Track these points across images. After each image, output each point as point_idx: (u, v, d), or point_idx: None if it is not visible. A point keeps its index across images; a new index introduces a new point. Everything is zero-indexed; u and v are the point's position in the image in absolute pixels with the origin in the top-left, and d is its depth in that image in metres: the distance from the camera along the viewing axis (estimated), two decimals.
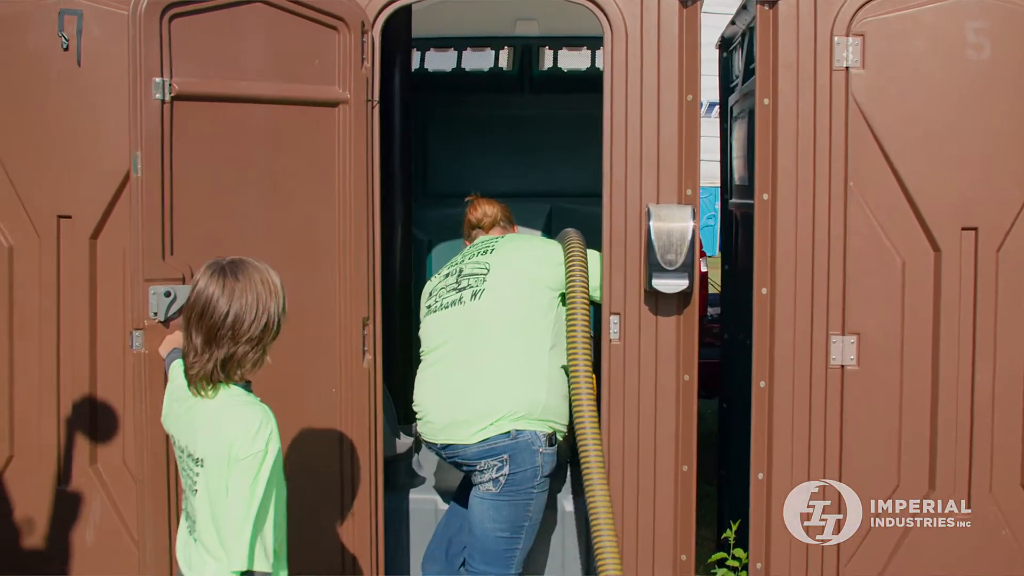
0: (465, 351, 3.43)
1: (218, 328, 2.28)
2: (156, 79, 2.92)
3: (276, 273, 2.37)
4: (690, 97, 3.41)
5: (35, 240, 3.55)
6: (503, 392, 3.34)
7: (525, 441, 3.34)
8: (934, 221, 3.31)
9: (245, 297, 2.29)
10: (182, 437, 2.37)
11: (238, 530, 2.21)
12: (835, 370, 3.38)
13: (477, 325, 3.43)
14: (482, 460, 3.35)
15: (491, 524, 3.41)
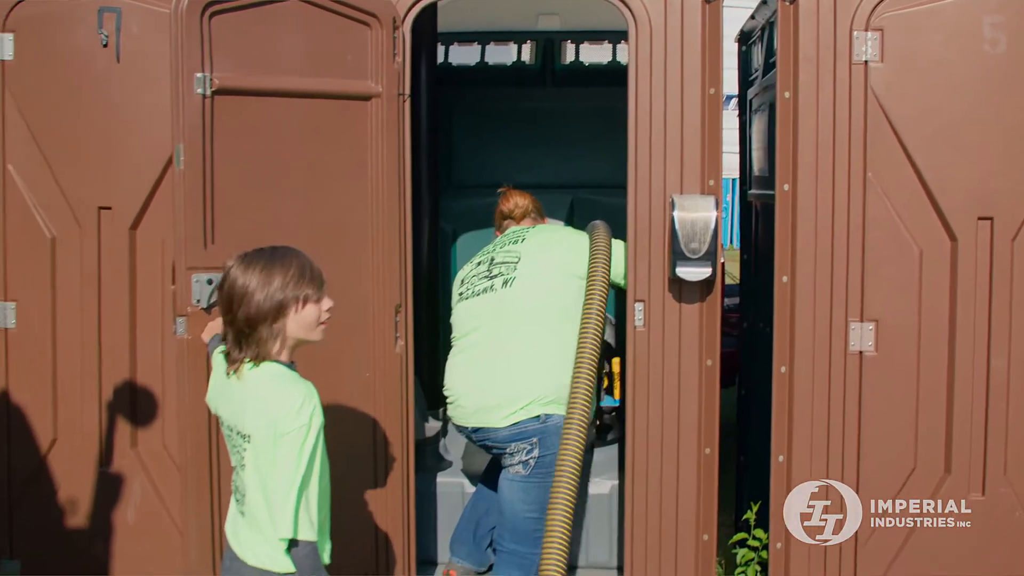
0: (496, 337, 3.54)
1: (235, 306, 2.39)
2: (197, 74, 3.02)
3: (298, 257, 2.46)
4: (712, 90, 3.49)
5: (76, 230, 3.67)
6: (533, 377, 3.45)
7: (554, 425, 3.44)
8: (951, 211, 3.39)
9: (255, 275, 2.39)
10: (230, 416, 2.48)
11: (284, 500, 2.33)
12: (854, 356, 3.46)
13: (508, 312, 3.53)
14: (512, 443, 3.46)
15: (521, 505, 3.51)
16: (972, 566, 3.49)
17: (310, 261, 2.44)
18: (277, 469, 2.34)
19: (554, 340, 3.49)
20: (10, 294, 3.71)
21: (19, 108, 3.62)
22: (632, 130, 3.51)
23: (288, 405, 2.34)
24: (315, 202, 3.33)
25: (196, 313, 3.07)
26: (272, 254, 2.41)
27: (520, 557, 3.55)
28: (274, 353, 2.42)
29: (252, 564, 2.43)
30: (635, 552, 3.63)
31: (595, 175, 5.15)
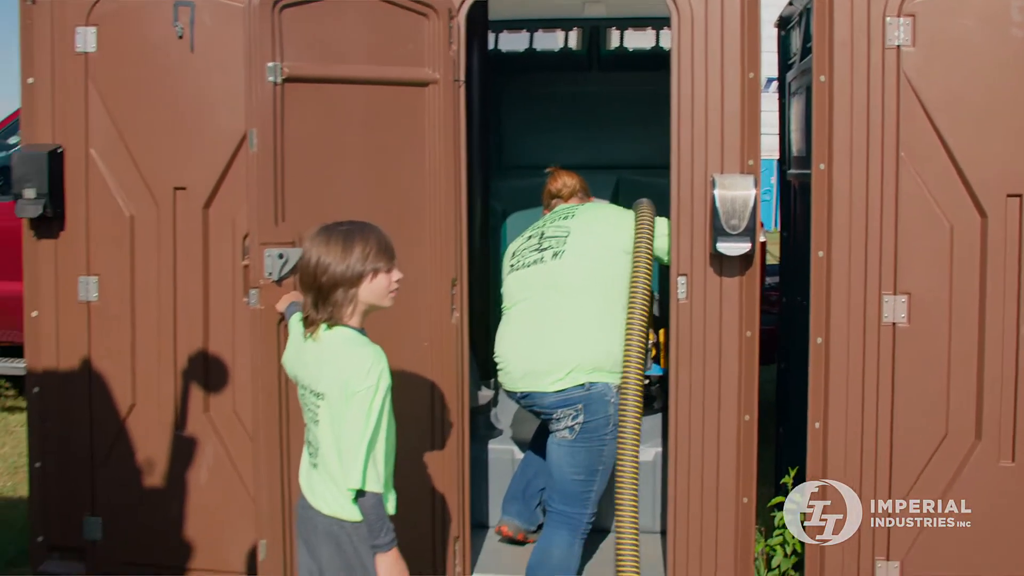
0: (544, 306, 3.75)
1: (315, 273, 2.62)
2: (269, 64, 3.25)
3: (373, 232, 2.69)
4: (752, 74, 3.66)
5: (154, 210, 3.93)
6: (578, 346, 3.65)
7: (598, 392, 3.64)
8: (980, 188, 3.53)
9: (335, 247, 2.62)
10: (305, 376, 2.72)
11: (354, 454, 2.56)
12: (887, 327, 3.63)
13: (556, 283, 3.74)
14: (558, 409, 3.67)
15: (568, 468, 3.72)
16: (1004, 528, 3.64)
17: (384, 235, 2.67)
18: (348, 425, 2.57)
19: (599, 311, 3.68)
20: (93, 269, 3.99)
21: (101, 97, 3.89)
22: (675, 113, 3.69)
23: (359, 366, 2.58)
24: (376, 182, 3.56)
25: (268, 285, 3.32)
26: (350, 228, 2.65)
27: (568, 517, 3.76)
28: (347, 317, 2.65)
29: (325, 512, 2.67)
30: (678, 515, 3.83)
31: (639, 156, 5.33)
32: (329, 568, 2.67)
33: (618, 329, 3.68)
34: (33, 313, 4.07)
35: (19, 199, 3.91)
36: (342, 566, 2.66)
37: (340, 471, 2.60)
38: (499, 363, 3.88)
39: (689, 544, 3.83)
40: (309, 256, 2.63)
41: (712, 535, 3.82)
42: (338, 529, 2.64)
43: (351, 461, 2.57)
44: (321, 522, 2.67)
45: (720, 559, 3.83)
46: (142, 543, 4.04)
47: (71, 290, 4.01)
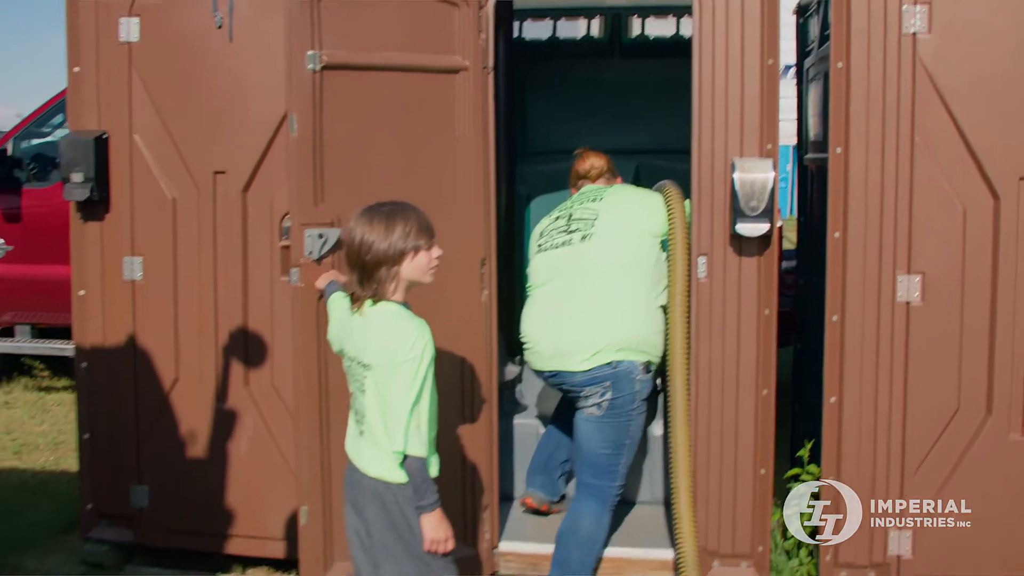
0: (572, 288, 3.89)
1: (359, 252, 2.79)
2: (309, 52, 3.42)
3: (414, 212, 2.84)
4: (771, 61, 3.78)
5: (194, 192, 4.11)
6: (606, 326, 3.79)
7: (624, 370, 3.79)
8: (993, 172, 3.65)
9: (378, 226, 2.78)
10: (352, 348, 2.89)
11: (399, 420, 2.73)
12: (901, 306, 3.75)
13: (584, 264, 3.88)
14: (587, 387, 3.81)
15: (596, 443, 3.87)
16: (1013, 500, 3.77)
17: (423, 215, 2.83)
18: (394, 393, 2.74)
19: (626, 292, 3.83)
20: (137, 249, 4.17)
21: (144, 85, 4.06)
22: (696, 98, 3.82)
23: (404, 338, 2.75)
24: (409, 165, 3.71)
25: (308, 264, 3.49)
26: (392, 208, 2.81)
27: (597, 489, 3.91)
28: (390, 293, 2.81)
29: (372, 475, 2.85)
30: (698, 486, 3.97)
31: (658, 141, 5.45)
32: (376, 528, 2.85)
33: (644, 310, 3.83)
34: (80, 292, 4.26)
35: (67, 183, 4.09)
36: (388, 526, 2.84)
37: (386, 436, 2.78)
38: (526, 343, 4.03)
39: (708, 514, 3.97)
40: (354, 235, 2.78)
41: (731, 505, 3.96)
42: (384, 491, 2.82)
43: (397, 427, 2.74)
44: (368, 484, 2.84)
45: (738, 529, 3.97)
46: (186, 510, 4.23)
47: (116, 270, 4.20)
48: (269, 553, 4.24)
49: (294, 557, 4.15)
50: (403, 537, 2.84)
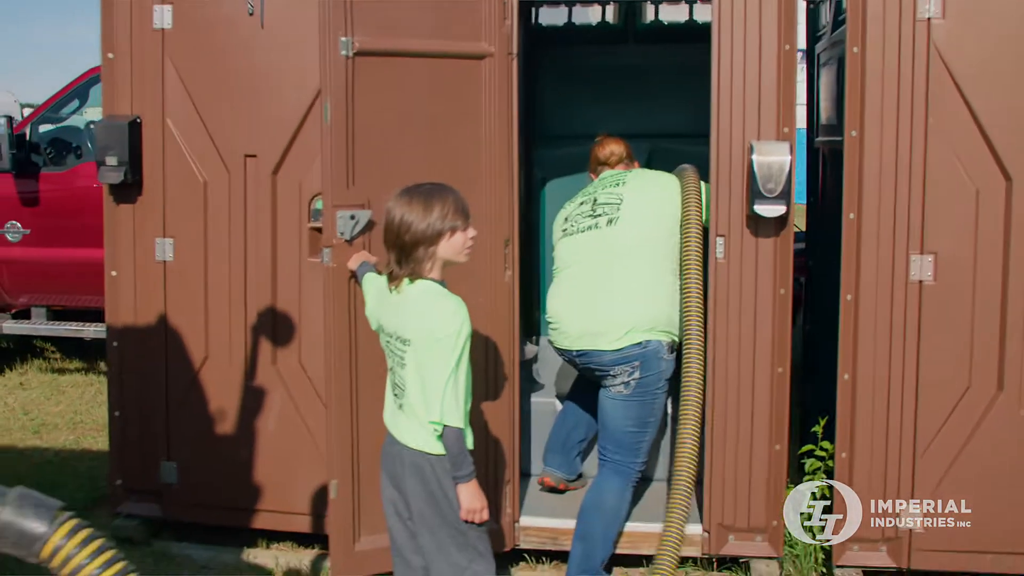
0: (600, 270, 4.00)
1: (398, 232, 2.89)
2: (342, 38, 3.52)
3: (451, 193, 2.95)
4: (787, 47, 3.88)
5: (225, 175, 4.21)
6: (634, 307, 3.90)
7: (652, 350, 3.91)
8: (1005, 153, 3.75)
9: (417, 207, 2.89)
10: (390, 324, 2.99)
11: (438, 392, 2.84)
12: (914, 285, 3.86)
13: (612, 247, 3.99)
14: (616, 366, 3.93)
15: (622, 421, 3.99)
16: (1021, 476, 3.89)
17: (460, 196, 2.94)
18: (432, 367, 2.85)
19: (652, 274, 3.94)
20: (169, 231, 4.28)
21: (177, 70, 4.16)
22: (715, 83, 3.92)
23: (442, 315, 2.86)
24: (436, 148, 3.81)
25: (340, 244, 3.59)
26: (430, 189, 2.91)
27: (621, 465, 4.03)
28: (427, 271, 2.92)
29: (411, 447, 2.96)
30: (715, 462, 4.08)
31: (672, 125, 5.55)
32: (414, 498, 2.97)
33: (669, 291, 3.94)
34: (112, 273, 4.37)
35: (101, 166, 4.19)
36: (426, 496, 2.95)
37: (425, 409, 2.89)
38: (553, 323, 4.13)
39: (724, 490, 4.09)
40: (393, 215, 2.89)
41: (746, 481, 4.08)
42: (423, 462, 2.93)
43: (435, 399, 2.86)
44: (408, 456, 2.95)
45: (753, 504, 4.09)
46: (214, 486, 4.35)
47: (148, 251, 4.30)
48: (295, 528, 4.36)
49: (319, 531, 4.28)
50: (440, 507, 2.96)
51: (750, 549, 4.11)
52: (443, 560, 3.00)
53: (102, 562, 1.55)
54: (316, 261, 4.15)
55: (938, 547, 3.93)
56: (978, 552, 3.91)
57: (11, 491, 1.57)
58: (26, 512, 1.55)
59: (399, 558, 3.15)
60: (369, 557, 3.80)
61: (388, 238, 2.92)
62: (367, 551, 3.80)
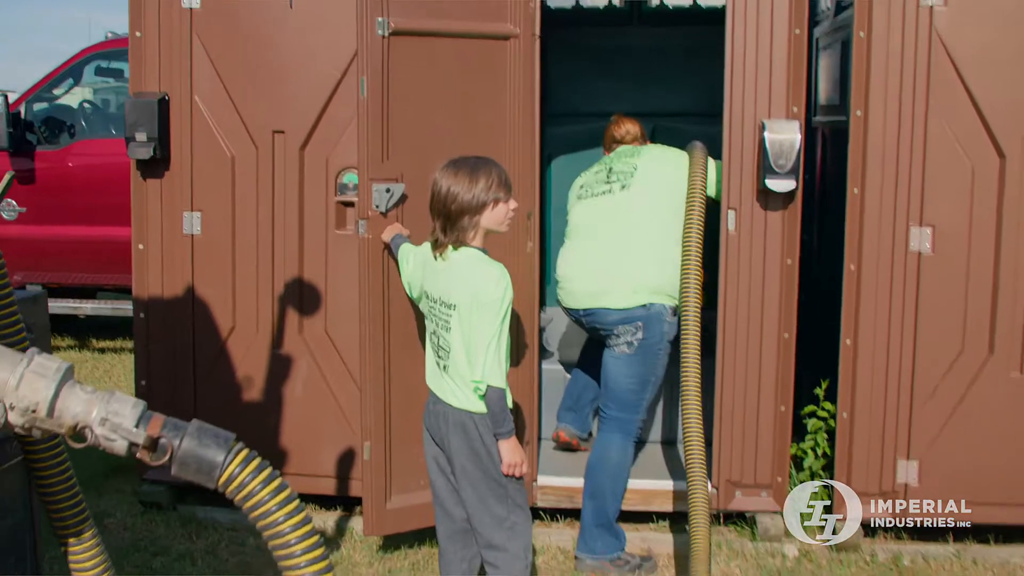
0: (611, 232, 4.18)
1: (445, 202, 3.07)
2: (379, 19, 3.67)
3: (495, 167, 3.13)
4: (797, 31, 4.09)
5: (253, 151, 4.35)
6: (641, 270, 4.09)
7: (656, 312, 4.11)
8: (1000, 133, 4.00)
9: (463, 179, 3.07)
10: (435, 290, 3.18)
11: (482, 354, 3.03)
12: (913, 255, 4.10)
13: (622, 212, 4.17)
14: (620, 326, 4.12)
15: (624, 379, 4.19)
16: (1011, 432, 4.16)
17: (503, 170, 3.12)
18: (478, 330, 3.04)
19: (660, 240, 4.13)
20: (196, 205, 4.41)
21: (205, 48, 4.28)
22: (728, 65, 4.12)
23: (487, 281, 3.04)
24: (465, 124, 3.98)
25: (375, 216, 3.76)
26: (476, 163, 3.09)
27: (623, 422, 4.23)
28: (471, 239, 3.10)
29: (455, 406, 3.15)
30: (723, 422, 4.32)
31: (675, 104, 5.75)
32: (458, 454, 3.16)
33: (674, 258, 4.15)
34: (140, 246, 4.49)
35: (131, 142, 4.31)
36: (469, 453, 3.14)
37: (469, 370, 3.08)
38: (563, 282, 4.31)
39: (732, 448, 4.33)
40: (440, 186, 3.06)
41: (753, 440, 4.32)
42: (467, 420, 3.12)
43: (480, 360, 3.05)
44: (452, 415, 3.14)
45: (759, 461, 4.33)
46: None
47: (175, 225, 4.43)
48: (319, 490, 4.53)
49: (343, 493, 4.47)
50: (482, 462, 3.15)
51: (756, 504, 4.36)
52: (484, 511, 3.20)
53: (272, 489, 1.71)
54: (343, 233, 4.32)
55: (931, 499, 4.21)
56: (969, 503, 4.19)
57: (190, 424, 1.72)
58: (206, 442, 1.70)
59: (441, 510, 3.35)
60: (399, 514, 4.00)
61: (435, 207, 3.09)
62: (398, 509, 3.99)
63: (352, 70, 4.14)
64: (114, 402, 1.72)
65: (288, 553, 1.72)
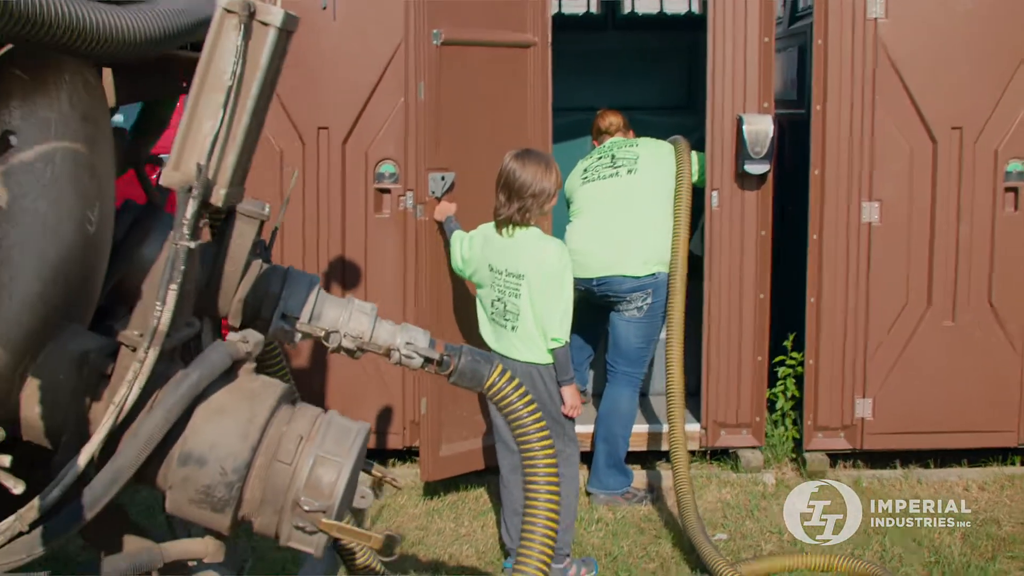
0: (621, 210, 4.87)
1: (516, 186, 3.75)
2: (434, 30, 4.32)
3: (552, 162, 3.82)
4: (766, 39, 4.88)
5: (299, 145, 4.94)
6: (650, 242, 4.81)
7: (661, 280, 4.84)
8: (933, 122, 4.85)
9: (532, 168, 3.76)
10: (501, 263, 3.82)
11: (552, 314, 3.71)
12: (864, 226, 4.93)
13: (631, 192, 4.87)
14: (633, 293, 4.83)
15: (634, 339, 4.90)
16: (946, 372, 5.02)
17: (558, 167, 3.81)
18: (547, 295, 3.72)
19: (663, 217, 4.85)
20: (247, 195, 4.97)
21: None
22: (710, 67, 4.89)
23: (551, 253, 3.74)
24: (495, 119, 4.66)
25: (431, 201, 4.41)
26: (540, 156, 3.77)
27: (631, 376, 4.96)
28: (532, 220, 3.78)
29: (523, 360, 3.80)
30: (711, 370, 5.08)
31: (647, 99, 6.51)
32: None
33: (670, 232, 4.89)
34: None
35: None
36: (535, 399, 3.81)
37: (538, 329, 3.74)
38: (577, 255, 4.94)
39: (718, 392, 5.10)
40: (516, 174, 3.72)
41: (735, 386, 5.10)
42: (534, 371, 3.80)
43: (551, 320, 3.72)
44: (519, 368, 3.78)
45: (741, 404, 5.12)
46: None
47: None
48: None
49: (381, 446, 5.09)
50: (545, 406, 3.80)
51: (738, 441, 5.14)
52: None
53: (519, 394, 2.26)
54: (380, 217, 4.95)
55: (883, 431, 5.05)
56: (914, 433, 5.04)
57: (463, 347, 2.25)
58: (478, 359, 2.24)
59: (503, 445, 4.03)
60: (450, 461, 4.67)
61: (507, 190, 3.76)
62: (448, 456, 4.67)
63: (388, 74, 4.79)
64: (411, 331, 2.26)
65: (527, 439, 2.26)
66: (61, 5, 1.49)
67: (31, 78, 1.71)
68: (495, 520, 4.58)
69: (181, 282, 1.74)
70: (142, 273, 2.20)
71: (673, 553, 4.31)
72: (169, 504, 1.81)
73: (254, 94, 1.82)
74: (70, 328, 1.87)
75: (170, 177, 1.80)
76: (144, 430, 1.71)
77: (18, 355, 1.75)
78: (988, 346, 5.00)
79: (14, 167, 1.65)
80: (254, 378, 1.87)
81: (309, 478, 1.78)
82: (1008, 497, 4.83)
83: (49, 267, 1.76)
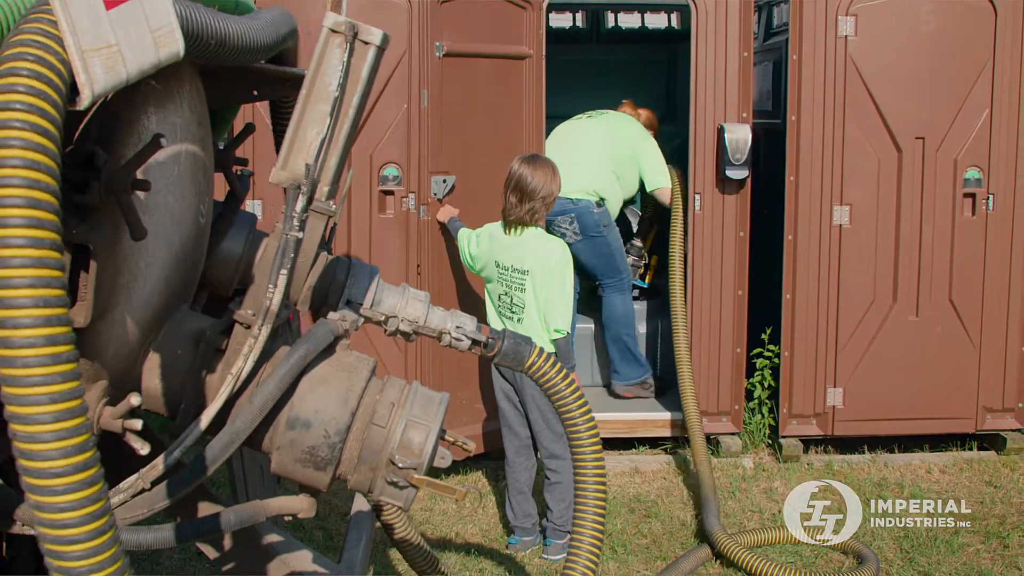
0: (568, 144, 5.48)
1: (525, 188, 4.06)
2: (437, 43, 4.62)
3: (556, 168, 4.15)
4: (745, 54, 5.25)
5: None
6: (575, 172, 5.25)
7: (583, 206, 5.44)
8: (898, 133, 5.24)
9: (541, 173, 4.08)
10: (507, 259, 4.14)
11: (555, 307, 4.04)
12: (836, 228, 5.32)
13: (582, 132, 5.53)
14: (557, 216, 5.37)
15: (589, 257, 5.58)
16: (910, 364, 5.41)
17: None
18: (551, 290, 4.04)
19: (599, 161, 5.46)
20: (256, 195, 5.24)
21: None
22: (693, 79, 5.25)
23: (553, 251, 4.06)
24: (492, 126, 4.99)
25: (433, 203, 4.71)
26: (547, 161, 4.09)
27: (613, 283, 5.68)
28: (538, 221, 4.10)
29: None
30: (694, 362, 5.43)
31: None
32: (528, 387, 4.15)
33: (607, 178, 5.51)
34: None
35: None
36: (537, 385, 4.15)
37: (541, 321, 4.06)
38: None
39: (700, 384, 5.44)
40: (525, 177, 4.04)
41: (716, 376, 5.46)
42: None
43: (553, 312, 4.05)
44: None
45: (721, 393, 5.47)
46: None
47: None
48: None
49: None
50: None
51: (718, 427, 5.50)
52: (548, 430, 4.22)
53: (556, 370, 2.48)
54: (384, 217, 5.23)
55: (853, 419, 5.43)
56: (881, 420, 5.43)
57: (505, 330, 2.47)
58: (519, 341, 2.45)
59: (509, 431, 4.34)
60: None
61: (518, 193, 4.07)
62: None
63: (392, 83, 5.07)
64: (459, 316, 2.47)
65: (569, 411, 2.44)
66: (211, 19, 1.78)
67: (162, 87, 1.99)
68: (495, 502, 4.89)
69: (290, 268, 2.02)
70: (221, 263, 2.45)
71: (664, 530, 4.64)
72: (275, 464, 2.06)
73: (355, 104, 2.08)
74: (181, 308, 2.15)
75: (279, 176, 2.07)
76: (259, 397, 1.97)
77: (145, 333, 2.02)
78: (949, 340, 5.40)
79: (151, 165, 1.93)
80: (349, 353, 2.13)
81: (402, 439, 2.04)
82: (967, 479, 5.22)
83: (174, 255, 2.04)
